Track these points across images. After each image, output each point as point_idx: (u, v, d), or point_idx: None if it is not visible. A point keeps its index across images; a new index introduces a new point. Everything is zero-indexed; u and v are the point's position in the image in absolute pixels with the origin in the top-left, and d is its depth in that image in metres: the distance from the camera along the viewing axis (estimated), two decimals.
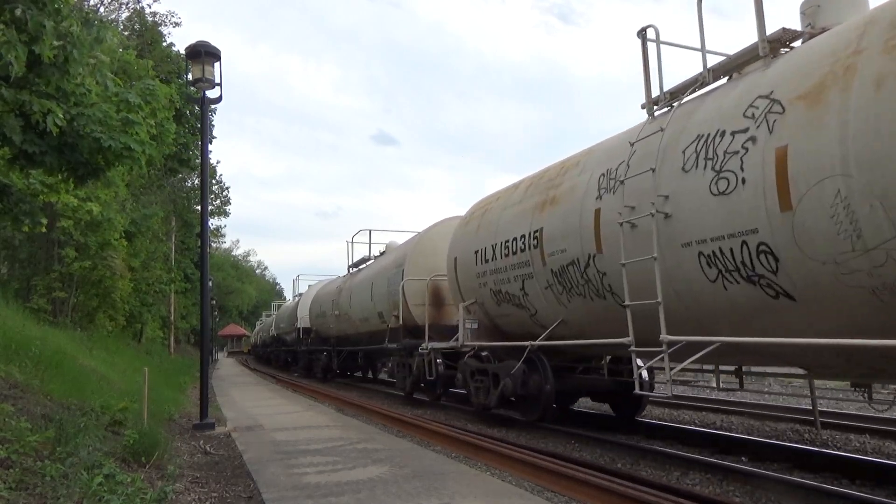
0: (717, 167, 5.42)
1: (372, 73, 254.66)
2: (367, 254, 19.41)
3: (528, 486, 5.54)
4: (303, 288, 30.35)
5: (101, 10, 22.52)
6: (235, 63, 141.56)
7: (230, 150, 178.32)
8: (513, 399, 9.34)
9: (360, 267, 19.55)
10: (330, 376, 22.48)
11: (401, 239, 17.29)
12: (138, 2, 24.09)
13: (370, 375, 23.72)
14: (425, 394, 13.61)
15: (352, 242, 20.47)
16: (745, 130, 5.18)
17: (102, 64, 6.39)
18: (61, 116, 6.12)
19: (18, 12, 5.30)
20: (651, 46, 6.73)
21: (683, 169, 5.84)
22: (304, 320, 25.26)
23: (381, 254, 17.83)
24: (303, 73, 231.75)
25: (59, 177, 7.67)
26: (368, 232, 19.69)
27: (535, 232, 8.32)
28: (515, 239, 8.83)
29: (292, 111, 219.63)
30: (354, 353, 19.98)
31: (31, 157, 6.66)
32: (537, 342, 8.55)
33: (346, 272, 20.85)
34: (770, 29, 5.64)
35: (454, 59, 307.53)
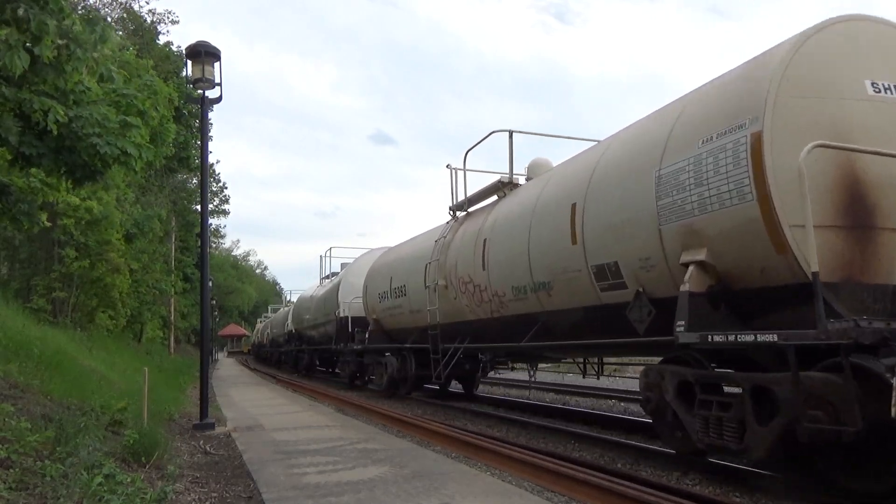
0: None
1: (370, 73, 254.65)
2: (507, 174, 10.29)
3: (528, 486, 5.54)
4: (335, 267, 23.13)
5: (101, 9, 22.54)
6: (234, 63, 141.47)
7: (229, 150, 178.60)
8: None
9: (489, 202, 10.86)
10: (404, 391, 14.28)
11: (554, 158, 9.55)
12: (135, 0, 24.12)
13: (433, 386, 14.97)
14: None
15: (464, 169, 11.46)
16: None
17: (105, 58, 6.37)
18: (62, 113, 6.11)
19: (21, 12, 5.29)
20: None
21: None
22: (350, 307, 17.77)
23: (503, 184, 10.27)
24: (301, 72, 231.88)
25: (57, 179, 7.68)
26: (508, 135, 10.31)
27: None
28: None
29: (291, 111, 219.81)
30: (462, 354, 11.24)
31: (28, 158, 6.66)
32: None
33: (450, 219, 12.02)
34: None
35: (453, 59, 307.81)
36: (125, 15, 24.03)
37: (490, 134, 10.58)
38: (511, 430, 9.30)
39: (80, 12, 6.45)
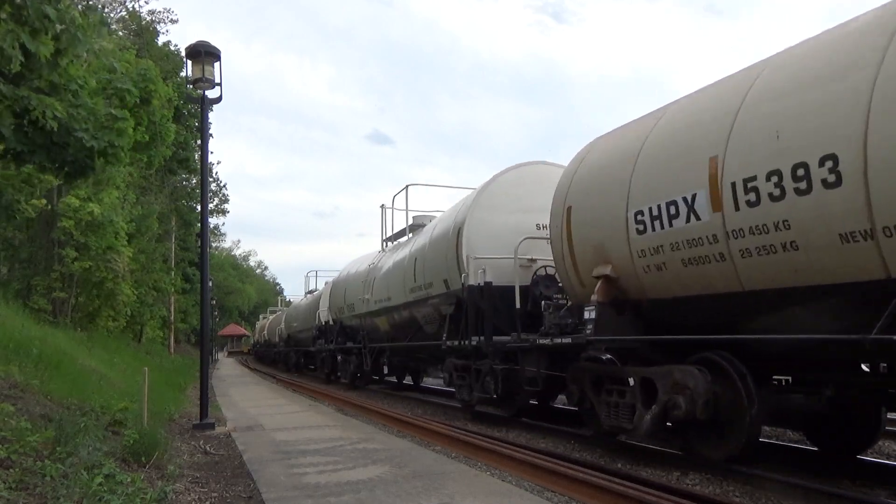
0: None
1: (367, 73, 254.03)
2: None
3: (528, 486, 5.54)
4: (402, 221, 15.44)
5: (104, 10, 22.50)
6: (230, 62, 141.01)
7: (226, 150, 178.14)
8: None
9: None
10: (735, 447, 5.80)
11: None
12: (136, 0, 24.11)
13: None
14: None
15: None
16: None
17: (105, 51, 6.37)
18: (60, 109, 6.11)
19: (19, 0, 5.27)
20: None
21: None
22: (527, 272, 9.54)
23: None
24: (297, 71, 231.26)
25: (52, 175, 7.68)
26: None
27: None
28: None
29: (288, 110, 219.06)
30: None
31: (19, 154, 6.66)
32: None
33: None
34: None
35: (450, 58, 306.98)
36: (127, 16, 24.02)
37: None
38: (511, 431, 9.30)
39: (80, 5, 6.43)
